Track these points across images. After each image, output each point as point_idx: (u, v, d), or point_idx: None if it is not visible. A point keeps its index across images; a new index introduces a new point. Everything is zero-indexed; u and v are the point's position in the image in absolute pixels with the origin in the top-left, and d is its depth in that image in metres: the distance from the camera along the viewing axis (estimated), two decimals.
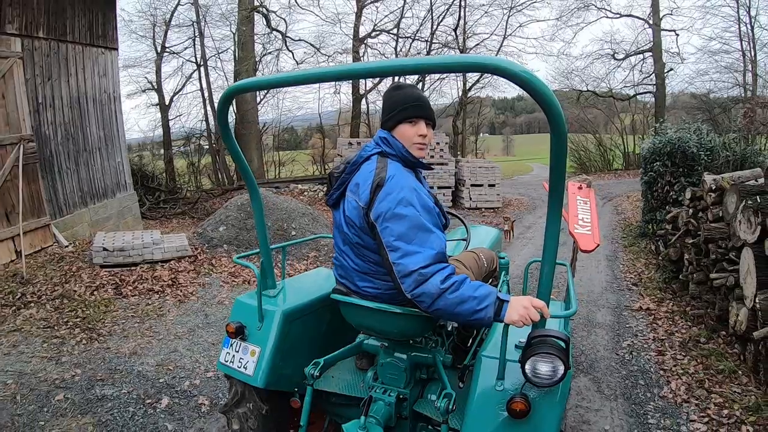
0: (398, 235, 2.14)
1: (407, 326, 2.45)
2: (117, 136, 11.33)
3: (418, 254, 2.10)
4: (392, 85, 2.64)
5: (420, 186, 2.36)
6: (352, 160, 2.48)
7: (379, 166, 2.33)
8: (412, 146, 2.43)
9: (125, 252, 7.48)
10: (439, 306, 2.05)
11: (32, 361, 5.00)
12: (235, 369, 2.69)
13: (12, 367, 4.89)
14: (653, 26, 25.26)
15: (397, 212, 2.16)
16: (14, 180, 8.05)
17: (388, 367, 2.58)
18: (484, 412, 2.11)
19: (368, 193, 2.26)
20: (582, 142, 28.99)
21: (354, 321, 2.61)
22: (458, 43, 21.92)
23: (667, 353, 4.79)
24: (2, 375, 4.69)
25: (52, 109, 9.30)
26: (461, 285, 2.05)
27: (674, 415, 3.80)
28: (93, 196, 10.28)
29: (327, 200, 2.61)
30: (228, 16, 19.24)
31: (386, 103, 2.52)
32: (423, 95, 2.53)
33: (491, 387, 2.13)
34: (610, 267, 8.11)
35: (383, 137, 2.45)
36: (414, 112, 2.42)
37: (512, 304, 2.01)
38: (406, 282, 2.10)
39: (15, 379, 4.61)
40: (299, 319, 2.82)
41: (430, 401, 2.60)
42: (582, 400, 4.05)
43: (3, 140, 7.94)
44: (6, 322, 5.93)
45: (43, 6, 9.03)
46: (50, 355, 5.15)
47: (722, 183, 5.60)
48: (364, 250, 2.37)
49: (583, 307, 6.20)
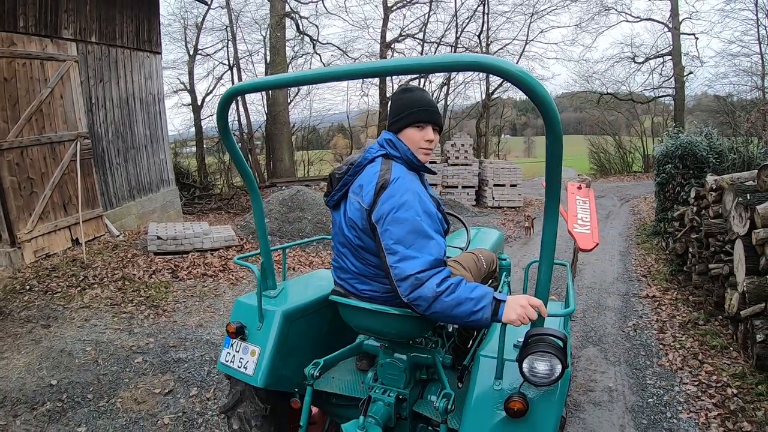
0: (397, 238, 2.15)
1: (406, 328, 2.45)
2: (161, 135, 12.16)
3: (415, 259, 2.12)
4: (401, 87, 2.64)
5: (423, 190, 2.36)
6: (356, 162, 2.46)
7: (384, 168, 2.32)
8: (418, 150, 2.43)
9: (177, 240, 8.23)
10: (436, 309, 2.07)
11: (106, 332, 5.74)
12: (235, 369, 2.71)
13: (88, 337, 5.63)
14: (672, 30, 25.46)
15: (398, 216, 2.17)
16: (71, 174, 8.86)
17: (387, 367, 2.60)
18: (483, 412, 2.14)
19: (372, 194, 2.26)
20: (602, 144, 29.42)
21: (352, 322, 2.63)
22: (482, 48, 22.50)
23: (668, 332, 5.41)
24: (81, 343, 5.43)
25: (103, 109, 10.12)
26: (457, 287, 2.06)
27: (669, 379, 4.43)
28: (139, 190, 11.09)
29: (327, 201, 2.59)
30: (259, 21, 20.08)
31: (394, 105, 2.50)
32: (432, 100, 2.53)
33: (489, 386, 2.16)
34: (623, 261, 8.69)
35: (388, 139, 2.44)
36: (423, 116, 2.41)
37: (509, 303, 2.02)
38: (403, 286, 2.12)
39: (93, 347, 5.34)
40: (299, 319, 2.84)
41: (430, 402, 2.63)
42: (590, 364, 4.71)
43: (62, 137, 8.75)
44: (74, 300, 6.70)
45: (95, 13, 9.85)
46: (122, 327, 5.88)
47: (722, 183, 6.17)
48: (364, 253, 2.37)
49: (594, 294, 6.82)
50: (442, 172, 15.61)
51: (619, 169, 28.47)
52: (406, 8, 22.32)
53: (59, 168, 8.67)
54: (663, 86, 27.19)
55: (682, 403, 4.01)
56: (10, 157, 7.77)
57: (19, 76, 8.03)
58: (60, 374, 4.76)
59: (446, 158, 16.10)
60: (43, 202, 8.31)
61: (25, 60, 8.15)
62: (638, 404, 4.04)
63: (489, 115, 26.23)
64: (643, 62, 27.41)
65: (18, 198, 7.90)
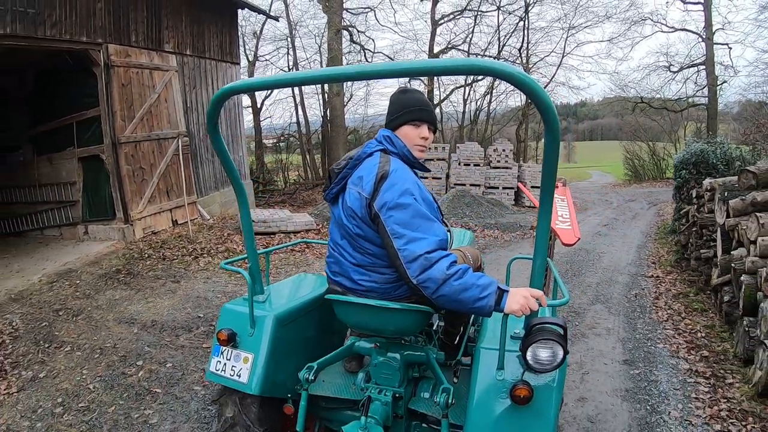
0: (402, 222, 2.23)
1: (404, 322, 2.50)
2: (239, 135, 14.10)
3: (423, 240, 2.19)
4: (399, 88, 2.73)
5: (421, 183, 2.45)
6: (355, 156, 2.55)
7: (383, 161, 2.42)
8: (413, 147, 2.54)
9: (266, 223, 10.04)
10: (444, 292, 2.12)
11: (228, 286, 7.54)
12: (227, 378, 2.66)
13: (213, 288, 7.45)
14: (706, 40, 26.35)
15: (401, 202, 2.25)
16: (173, 166, 10.81)
17: (382, 366, 2.61)
18: (488, 402, 2.21)
19: (372, 184, 2.34)
20: (636, 151, 30.48)
21: (349, 320, 2.66)
22: (521, 61, 24.02)
23: (662, 299, 6.93)
24: (211, 292, 7.26)
25: (195, 112, 12.05)
26: (465, 273, 2.13)
27: (654, 326, 5.99)
28: (222, 182, 13.00)
29: (325, 195, 2.67)
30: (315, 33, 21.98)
31: (392, 105, 2.61)
32: (428, 101, 2.66)
33: (492, 377, 2.24)
34: (638, 252, 10.14)
35: (387, 136, 2.54)
36: (418, 115, 2.54)
37: (512, 294, 2.10)
38: (412, 267, 2.17)
39: (222, 294, 7.21)
40: (290, 323, 2.82)
41: (425, 398, 2.68)
42: (596, 314, 6.33)
43: (166, 135, 10.67)
44: (191, 265, 8.56)
45: (189, 29, 11.84)
46: (239, 284, 7.67)
47: (714, 184, 7.61)
48: (363, 242, 2.44)
49: (608, 273, 8.36)
50: (485, 174, 17.09)
51: (653, 175, 29.42)
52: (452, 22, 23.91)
53: (164, 160, 10.61)
54: (696, 95, 28.16)
55: (660, 340, 5.57)
56: (126, 150, 9.70)
57: (133, 83, 9.98)
58: (203, 310, 6.55)
59: (488, 161, 17.59)
60: (151, 188, 10.24)
61: (138, 69, 10.08)
62: (627, 338, 5.63)
63: (528, 121, 27.68)
64: (678, 71, 28.38)
65: (132, 184, 9.84)
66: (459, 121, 28.00)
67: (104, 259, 8.74)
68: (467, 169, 17.14)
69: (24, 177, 11.63)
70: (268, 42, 25.53)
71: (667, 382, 4.60)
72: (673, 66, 28.44)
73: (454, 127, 28.57)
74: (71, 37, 8.75)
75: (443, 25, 24.53)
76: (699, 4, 26.58)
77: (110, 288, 7.37)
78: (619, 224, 13.79)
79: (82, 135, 10.23)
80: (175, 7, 11.21)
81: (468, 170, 17.12)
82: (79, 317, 6.34)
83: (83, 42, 8.98)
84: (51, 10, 8.35)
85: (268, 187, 19.01)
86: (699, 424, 3.90)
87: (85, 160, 10.28)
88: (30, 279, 7.98)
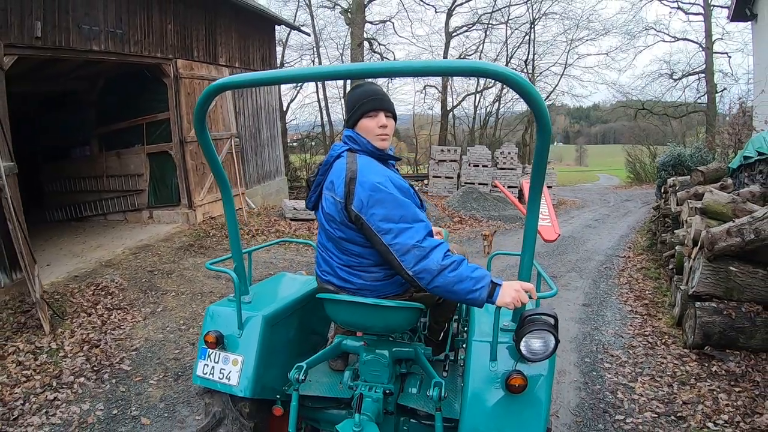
0: (384, 217, 2.24)
1: (395, 320, 2.51)
2: (277, 137, 16.01)
3: (410, 229, 2.22)
4: (352, 86, 2.71)
5: (390, 171, 2.46)
6: (323, 161, 2.55)
7: (350, 161, 2.42)
8: (374, 138, 2.50)
9: (307, 211, 11.88)
10: (438, 283, 2.16)
11: (286, 255, 9.46)
12: (216, 381, 2.63)
13: (275, 258, 9.32)
14: (706, 49, 27.88)
15: (377, 197, 2.26)
16: (226, 162, 12.69)
17: (370, 364, 2.61)
18: (483, 393, 2.28)
19: (343, 186, 2.35)
20: (638, 155, 32.02)
21: (341, 318, 2.66)
22: (527, 71, 25.90)
23: (626, 271, 8.74)
24: (275, 260, 9.13)
25: (242, 116, 13.96)
26: (459, 265, 2.17)
27: (614, 287, 7.80)
28: (264, 177, 14.94)
29: (307, 204, 2.69)
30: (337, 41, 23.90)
31: (347, 103, 2.59)
32: (380, 89, 2.59)
33: (485, 369, 2.30)
34: (620, 240, 11.89)
35: (349, 135, 2.53)
36: (372, 105, 2.49)
37: (504, 287, 2.16)
38: (407, 259, 2.19)
39: (284, 262, 9.04)
40: (278, 324, 2.81)
41: (413, 394, 2.69)
42: (570, 279, 8.20)
43: (222, 135, 12.59)
44: (251, 242, 10.53)
45: (237, 45, 13.80)
46: (294, 255, 9.54)
47: (675, 181, 9.41)
48: (347, 244, 2.45)
49: (588, 253, 10.19)
50: (492, 174, 18.88)
51: (653, 177, 30.79)
52: (464, 35, 25.83)
53: (220, 157, 12.43)
54: (697, 102, 29.59)
55: (615, 295, 7.40)
56: (191, 148, 11.61)
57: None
58: (272, 270, 8.42)
59: (495, 163, 19.38)
60: (209, 180, 12.15)
61: (199, 80, 11.99)
62: (590, 292, 7.49)
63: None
64: (680, 78, 29.85)
65: (195, 176, 11.76)
66: (470, 125, 29.93)
67: (174, 237, 10.65)
68: (476, 170, 18.95)
69: (90, 169, 13.63)
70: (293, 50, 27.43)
71: (611, 315, 6.44)
72: (675, 74, 30.02)
73: (466, 131, 30.50)
74: (149, 53, 10.66)
75: (456, 38, 26.56)
76: (699, 15, 28.11)
77: (190, 256, 9.30)
78: (610, 219, 15.45)
79: (151, 134, 12.17)
80: (226, 27, 13.13)
81: (477, 170, 18.93)
82: (172, 275, 8.25)
83: (158, 57, 10.90)
84: (134, 32, 10.26)
85: (295, 184, 20.95)
86: (626, 337, 5.74)
87: (153, 155, 12.21)
88: (114, 251, 9.90)
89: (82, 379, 5.02)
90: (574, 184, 31.97)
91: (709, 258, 5.34)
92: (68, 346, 5.75)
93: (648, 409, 4.21)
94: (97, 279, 8.06)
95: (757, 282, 5.17)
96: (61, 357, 5.50)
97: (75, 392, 4.81)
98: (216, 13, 12.56)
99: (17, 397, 4.68)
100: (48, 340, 5.85)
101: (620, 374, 4.86)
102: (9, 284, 7.20)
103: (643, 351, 5.35)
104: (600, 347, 5.51)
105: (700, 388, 4.47)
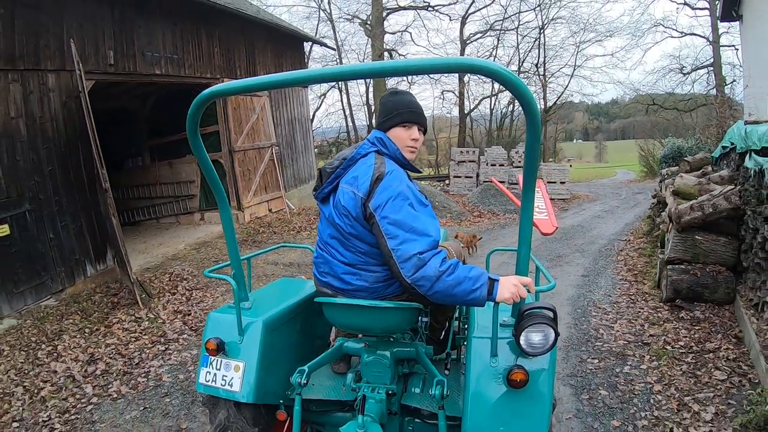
0: (397, 223, 2.28)
1: (394, 320, 2.54)
2: (309, 144, 17.51)
3: (415, 241, 2.24)
4: (390, 90, 2.80)
5: (414, 185, 2.50)
6: (348, 157, 2.57)
7: (378, 162, 2.46)
8: (404, 149, 2.58)
9: None
10: (438, 288, 2.19)
11: None
12: (219, 388, 2.64)
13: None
14: (713, 43, 28.76)
15: (396, 203, 2.30)
16: (268, 168, 14.21)
17: (372, 365, 2.64)
18: (485, 389, 2.28)
19: (368, 184, 2.38)
20: (651, 149, 32.85)
21: (340, 321, 2.70)
22: (538, 74, 27.25)
23: (624, 251, 9.99)
24: None
25: (280, 127, 15.47)
26: (456, 268, 2.20)
27: (611, 263, 9.07)
28: (299, 181, 16.49)
29: (316, 195, 2.69)
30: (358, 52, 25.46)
31: (384, 106, 2.65)
32: (418, 103, 2.67)
33: (486, 365, 2.31)
34: (624, 227, 13.07)
35: (379, 137, 2.57)
36: (409, 117, 2.57)
37: (502, 283, 2.19)
38: (406, 267, 2.22)
39: None
40: (278, 328, 2.83)
41: (417, 393, 2.74)
42: (573, 257, 9.49)
43: (263, 145, 14.10)
44: (296, 237, 11.93)
45: (273, 62, 15.30)
46: None
47: (668, 171, 10.64)
48: (355, 241, 2.48)
49: (593, 237, 11.46)
50: (508, 172, 20.15)
51: None
52: (478, 42, 27.25)
53: (263, 164, 14.04)
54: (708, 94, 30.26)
55: (611, 268, 8.67)
56: (239, 156, 13.13)
57: (240, 107, 13.41)
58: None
59: (511, 162, 20.66)
60: (255, 185, 13.66)
61: (243, 96, 13.46)
62: (589, 267, 8.78)
63: (546, 127, 30.72)
64: (689, 73, 30.86)
65: (242, 181, 13.26)
66: (487, 127, 31.26)
67: None
68: (493, 169, 20.22)
69: (142, 177, 15.33)
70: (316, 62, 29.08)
71: (604, 282, 7.76)
72: (684, 68, 30.99)
73: (483, 132, 31.83)
74: (201, 74, 12.20)
75: (471, 45, 28.02)
76: (705, 9, 29.09)
77: (248, 249, 10.75)
78: (619, 211, 16.53)
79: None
80: (263, 46, 14.66)
81: (494, 169, 20.20)
82: None
83: (208, 77, 12.43)
84: (187, 56, 11.80)
85: None
86: (614, 296, 7.05)
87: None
88: (176, 247, 11.41)
89: (184, 335, 6.50)
90: (591, 179, 32.94)
91: (678, 230, 6.64)
92: (164, 316, 7.22)
93: (621, 339, 5.56)
94: (169, 269, 9.52)
95: (719, 247, 6.46)
96: (159, 323, 6.96)
97: (181, 344, 6.28)
98: (253, 35, 14.12)
99: (133, 351, 6.14)
100: (145, 313, 7.32)
101: (604, 320, 6.20)
102: (95, 274, 8.73)
103: (626, 305, 6.66)
104: (591, 303, 6.84)
105: (666, 326, 5.78)
